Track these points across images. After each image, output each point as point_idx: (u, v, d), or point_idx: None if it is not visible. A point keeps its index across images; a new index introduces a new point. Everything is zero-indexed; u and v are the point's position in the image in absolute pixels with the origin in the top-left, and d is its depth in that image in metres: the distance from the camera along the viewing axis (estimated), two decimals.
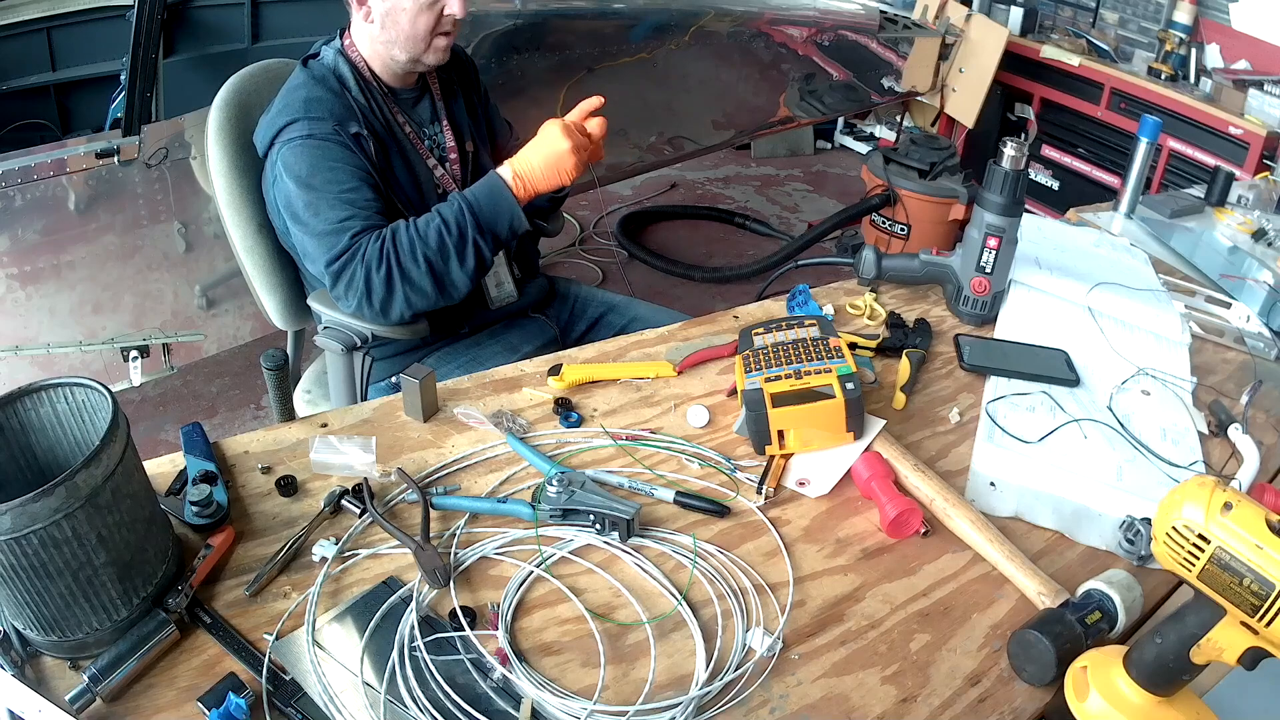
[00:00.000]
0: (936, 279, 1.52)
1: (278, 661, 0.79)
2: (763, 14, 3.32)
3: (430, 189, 1.48)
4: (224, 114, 1.47)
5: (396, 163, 1.43)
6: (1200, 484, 0.70)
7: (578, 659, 0.83)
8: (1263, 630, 0.67)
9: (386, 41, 1.40)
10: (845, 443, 1.09)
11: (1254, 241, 1.92)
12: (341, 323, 1.38)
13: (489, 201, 1.33)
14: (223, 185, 1.48)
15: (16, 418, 0.81)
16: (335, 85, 1.39)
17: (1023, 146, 1.35)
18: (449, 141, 1.53)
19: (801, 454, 1.10)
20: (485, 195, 1.34)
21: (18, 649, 0.77)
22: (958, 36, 3.76)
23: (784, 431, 1.07)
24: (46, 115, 2.77)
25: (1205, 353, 1.47)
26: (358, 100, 1.40)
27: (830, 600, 0.93)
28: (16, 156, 1.87)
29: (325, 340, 1.38)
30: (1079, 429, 1.21)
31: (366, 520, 0.95)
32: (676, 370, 1.24)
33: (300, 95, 1.37)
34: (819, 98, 3.62)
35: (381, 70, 1.45)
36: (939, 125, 4.04)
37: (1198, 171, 3.24)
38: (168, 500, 0.94)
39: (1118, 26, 3.90)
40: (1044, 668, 0.83)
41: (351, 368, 1.40)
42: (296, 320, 1.60)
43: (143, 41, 1.90)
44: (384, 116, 1.43)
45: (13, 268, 1.95)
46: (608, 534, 0.95)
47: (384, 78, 1.46)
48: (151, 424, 2.49)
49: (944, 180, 2.71)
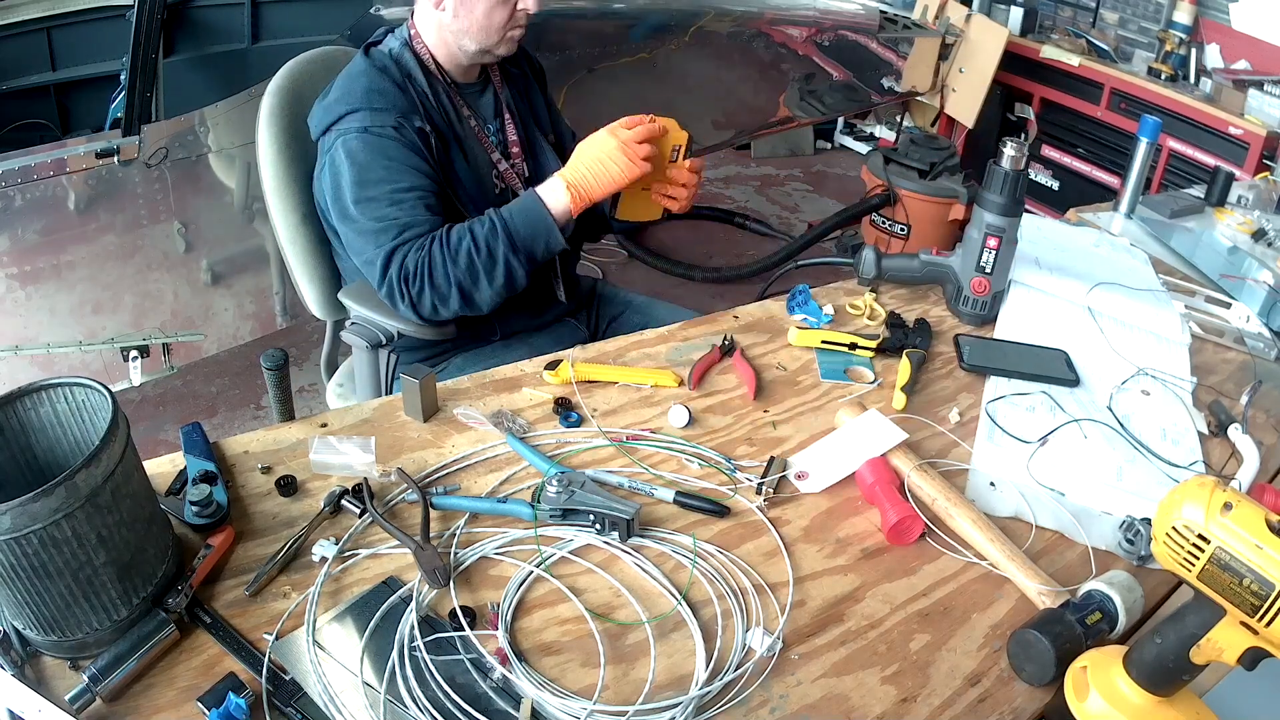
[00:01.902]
0: (936, 279, 1.52)
1: (278, 661, 0.79)
2: (763, 14, 3.32)
3: (490, 184, 1.46)
4: (276, 100, 1.47)
5: (457, 157, 1.41)
6: (1200, 484, 0.70)
7: (578, 659, 0.83)
8: (1263, 630, 0.67)
9: (457, 31, 1.37)
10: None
11: (1254, 241, 1.92)
12: (368, 319, 1.38)
13: (524, 222, 1.31)
14: (270, 173, 1.48)
15: (16, 418, 0.81)
16: (398, 75, 1.36)
17: (1023, 146, 1.36)
18: (511, 135, 1.51)
19: (805, 450, 1.10)
20: (520, 215, 1.31)
21: (18, 649, 0.77)
22: (958, 36, 3.76)
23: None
24: (46, 115, 2.77)
25: (1205, 353, 1.47)
26: (422, 92, 1.37)
27: (830, 600, 0.93)
28: (16, 156, 1.87)
29: (351, 336, 1.38)
30: (1079, 429, 1.21)
31: (366, 520, 0.95)
32: (680, 383, 1.23)
33: (361, 84, 1.34)
34: (819, 98, 3.62)
35: (447, 61, 1.42)
36: (939, 125, 4.04)
37: (1198, 171, 3.24)
38: (168, 500, 0.94)
39: (1118, 26, 3.90)
40: (1044, 668, 0.83)
41: (376, 364, 1.41)
42: (335, 310, 1.59)
43: (143, 41, 1.90)
44: (448, 110, 1.41)
45: (13, 268, 1.95)
46: (608, 534, 0.95)
47: (449, 69, 1.43)
48: (151, 424, 2.49)
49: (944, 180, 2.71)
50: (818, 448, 1.12)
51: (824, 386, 1.26)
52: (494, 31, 1.37)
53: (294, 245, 1.52)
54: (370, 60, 1.38)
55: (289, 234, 1.51)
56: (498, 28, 1.37)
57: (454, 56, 1.42)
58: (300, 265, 1.54)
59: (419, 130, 1.33)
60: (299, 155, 1.48)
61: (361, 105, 1.32)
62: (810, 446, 1.13)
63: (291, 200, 1.49)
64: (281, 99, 1.48)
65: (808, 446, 1.13)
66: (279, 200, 1.49)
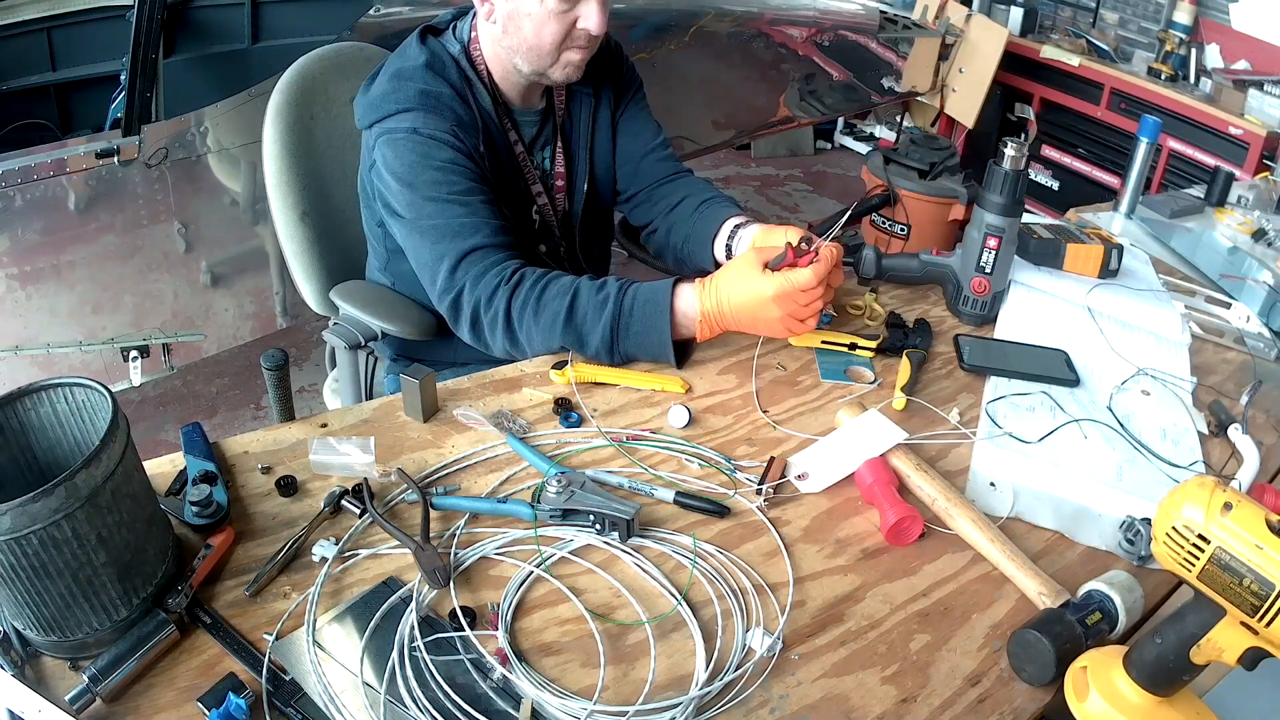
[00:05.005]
0: (936, 279, 1.52)
1: (278, 661, 0.79)
2: (763, 14, 3.32)
3: (528, 217, 1.36)
4: (284, 97, 1.47)
5: (498, 181, 1.29)
6: (1200, 484, 0.70)
7: (578, 659, 0.83)
8: (1263, 630, 0.67)
9: (508, 48, 1.23)
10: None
11: (1254, 241, 1.92)
12: (353, 319, 1.38)
13: (640, 329, 1.16)
14: (273, 169, 1.48)
15: (16, 418, 0.81)
16: (458, 80, 1.24)
17: (1023, 147, 1.35)
18: (558, 167, 1.39)
19: (805, 450, 1.10)
20: (640, 318, 1.15)
21: (18, 649, 0.77)
22: (958, 36, 3.76)
23: None
24: (46, 115, 2.77)
25: (1205, 353, 1.47)
26: (484, 110, 1.25)
27: (830, 600, 0.93)
28: (16, 156, 1.87)
29: (331, 337, 1.38)
30: (1079, 429, 1.21)
31: (366, 520, 0.95)
32: (686, 389, 1.23)
33: (416, 87, 1.21)
34: (819, 98, 3.62)
35: (502, 80, 1.28)
36: (939, 125, 4.05)
37: (1198, 171, 3.25)
38: (168, 500, 0.94)
39: (1118, 26, 3.90)
40: (1044, 668, 0.83)
41: (356, 365, 1.41)
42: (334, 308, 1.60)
43: (143, 41, 1.90)
44: (498, 131, 1.28)
45: (13, 268, 1.95)
46: (608, 534, 0.95)
47: (504, 89, 1.29)
48: (151, 424, 2.50)
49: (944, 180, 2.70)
50: (818, 448, 1.12)
51: (824, 386, 1.26)
52: (545, 54, 1.21)
53: (291, 242, 1.52)
54: (429, 53, 1.24)
55: (286, 231, 1.51)
56: (550, 49, 1.20)
57: (508, 75, 1.28)
58: (298, 262, 1.54)
59: (475, 150, 1.22)
60: (303, 152, 1.48)
61: (415, 106, 1.20)
62: (810, 447, 1.13)
63: (291, 198, 1.49)
64: (290, 96, 1.48)
65: (808, 447, 1.13)
66: (279, 197, 1.49)
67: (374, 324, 1.37)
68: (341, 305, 1.41)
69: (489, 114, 1.27)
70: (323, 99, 1.51)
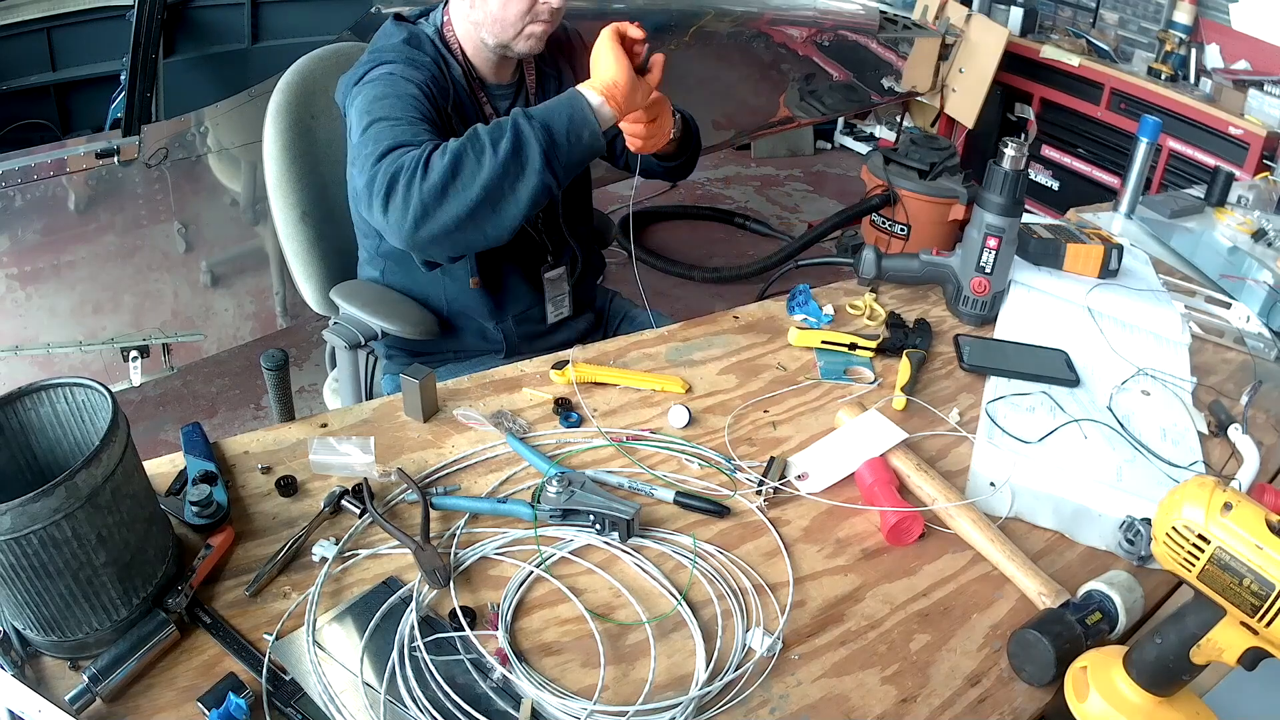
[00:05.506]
0: (936, 279, 1.52)
1: (278, 661, 0.79)
2: (763, 14, 3.32)
3: None
4: (285, 96, 1.48)
5: None
6: (1200, 484, 0.70)
7: (578, 659, 0.83)
8: (1263, 630, 0.67)
9: (476, 22, 1.31)
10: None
11: (1254, 241, 1.92)
12: (353, 319, 1.38)
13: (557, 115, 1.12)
14: (274, 168, 1.49)
15: (16, 418, 0.81)
16: (433, 52, 1.31)
17: (1023, 147, 1.36)
18: None
19: (805, 450, 1.10)
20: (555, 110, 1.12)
21: (18, 649, 0.77)
22: (958, 36, 3.76)
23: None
24: (46, 115, 2.77)
25: (1205, 353, 1.47)
26: (456, 81, 1.32)
27: (830, 600, 0.93)
28: (16, 156, 1.86)
29: (331, 336, 1.38)
30: (1079, 429, 1.21)
31: (366, 520, 0.95)
32: (686, 389, 1.23)
33: (395, 44, 1.29)
34: (819, 98, 3.62)
35: (474, 55, 1.36)
36: (939, 125, 4.04)
37: (1198, 171, 3.24)
38: (168, 500, 0.94)
39: (1118, 26, 3.90)
40: (1044, 668, 0.83)
41: (356, 364, 1.41)
42: (334, 306, 1.60)
43: (143, 41, 1.90)
44: (471, 102, 1.35)
45: (13, 268, 1.95)
46: (608, 534, 0.95)
47: (476, 64, 1.37)
48: (151, 424, 2.49)
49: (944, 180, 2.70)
50: (818, 448, 1.12)
51: (824, 386, 1.26)
52: (509, 25, 1.28)
53: (291, 242, 1.53)
54: (406, 32, 1.32)
55: (286, 230, 1.52)
56: (514, 21, 1.28)
57: (479, 50, 1.36)
58: (297, 262, 1.54)
59: (444, 109, 1.26)
60: (303, 151, 1.49)
61: (395, 59, 1.25)
62: (810, 446, 1.13)
63: (291, 197, 1.50)
64: (290, 96, 1.48)
65: (808, 446, 1.13)
66: (279, 196, 1.50)
67: (374, 323, 1.38)
68: (341, 305, 1.41)
69: (461, 86, 1.34)
70: (323, 99, 1.51)
